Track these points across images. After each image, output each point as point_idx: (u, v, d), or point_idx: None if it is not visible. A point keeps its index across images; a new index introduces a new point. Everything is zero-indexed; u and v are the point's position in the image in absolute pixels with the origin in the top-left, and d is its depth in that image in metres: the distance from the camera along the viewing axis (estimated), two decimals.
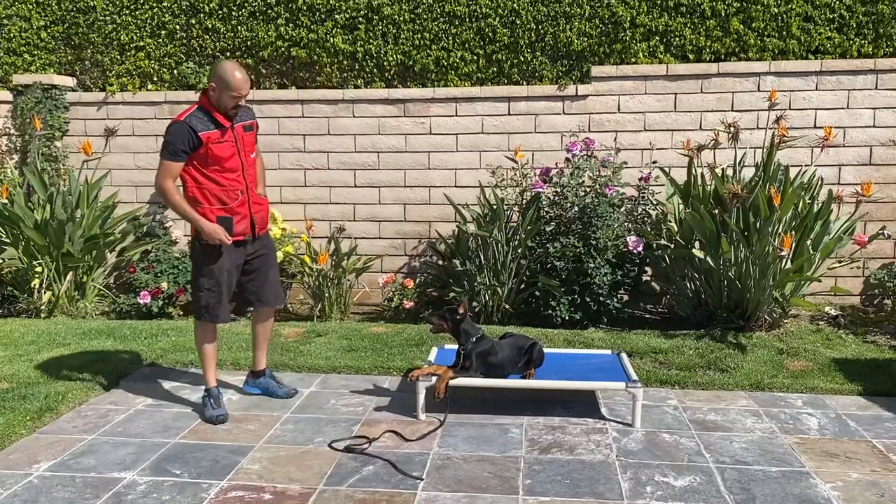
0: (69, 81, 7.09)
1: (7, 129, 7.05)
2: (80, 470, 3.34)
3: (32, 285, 6.23)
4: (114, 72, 7.06)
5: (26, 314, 6.30)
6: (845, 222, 5.61)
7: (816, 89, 6.22)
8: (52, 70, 7.13)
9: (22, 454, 3.52)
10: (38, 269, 6.19)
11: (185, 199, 3.87)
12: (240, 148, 3.91)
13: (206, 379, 4.09)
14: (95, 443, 3.65)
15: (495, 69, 6.62)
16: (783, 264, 5.22)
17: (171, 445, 3.61)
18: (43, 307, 6.21)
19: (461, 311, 4.00)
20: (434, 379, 3.92)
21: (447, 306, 4.08)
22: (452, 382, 3.92)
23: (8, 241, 6.30)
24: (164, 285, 6.20)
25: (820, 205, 5.45)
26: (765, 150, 5.46)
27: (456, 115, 6.60)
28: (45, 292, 6.23)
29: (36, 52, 7.14)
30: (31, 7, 7.08)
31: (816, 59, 6.25)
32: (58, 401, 4.13)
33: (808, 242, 5.34)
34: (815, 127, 6.21)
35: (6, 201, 6.27)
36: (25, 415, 3.91)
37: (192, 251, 4.02)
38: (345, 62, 6.77)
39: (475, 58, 6.61)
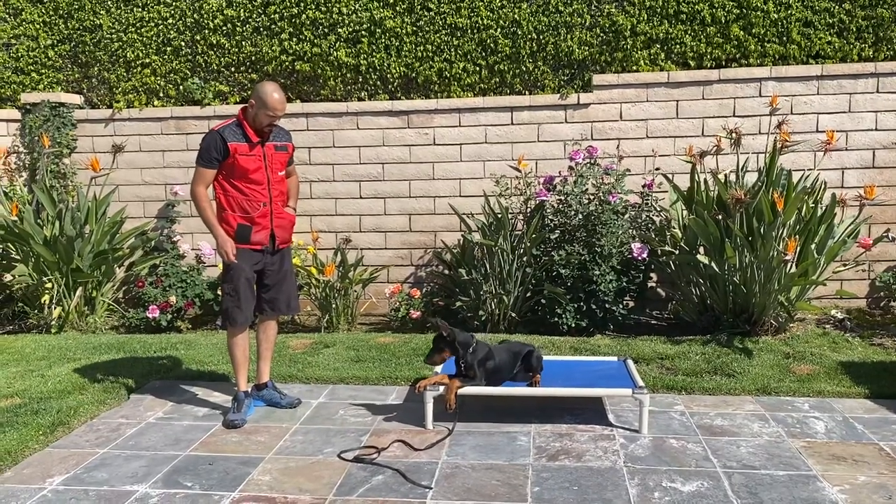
0: (76, 99, 7.18)
1: (16, 147, 7.13)
2: (93, 483, 3.38)
3: (43, 301, 6.29)
4: (120, 89, 7.14)
5: (37, 330, 6.36)
6: (849, 226, 5.63)
7: (818, 94, 6.25)
8: (59, 88, 7.22)
9: (35, 468, 3.56)
10: (48, 284, 6.26)
11: (211, 204, 4.13)
12: (267, 164, 4.12)
13: (237, 382, 4.28)
14: (108, 456, 3.69)
15: (497, 79, 6.67)
16: (788, 269, 5.24)
17: (182, 458, 3.65)
18: (53, 322, 6.27)
19: (445, 333, 3.97)
20: (442, 388, 3.95)
21: (437, 339, 4.04)
22: (459, 392, 3.94)
23: (18, 257, 6.36)
24: (173, 299, 6.25)
25: (823, 209, 5.46)
26: (767, 154, 5.49)
27: (459, 126, 6.66)
28: (55, 308, 6.29)
29: (43, 71, 7.23)
30: (38, 26, 7.18)
31: (817, 63, 6.28)
32: (70, 415, 4.17)
33: (813, 246, 5.35)
34: (817, 131, 6.24)
35: (16, 218, 6.34)
36: (38, 429, 3.95)
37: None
38: (348, 75, 6.83)
39: (477, 69, 6.66)
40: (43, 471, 3.53)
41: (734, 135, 5.60)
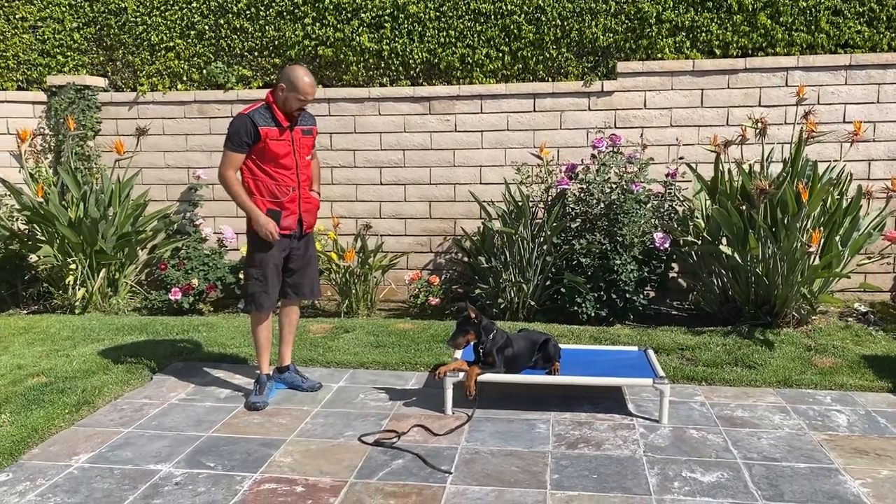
0: (101, 82, 7.23)
1: (42, 129, 7.20)
2: (118, 462, 3.43)
3: (67, 282, 6.37)
4: (144, 72, 7.18)
5: (61, 310, 6.45)
6: (875, 218, 5.56)
7: (846, 84, 6.16)
8: (84, 71, 7.27)
9: (61, 446, 3.62)
10: (73, 266, 6.33)
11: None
12: (296, 148, 4.11)
13: (260, 365, 4.30)
14: (131, 436, 3.75)
15: (520, 66, 6.64)
16: (811, 260, 5.19)
17: (204, 439, 3.69)
18: (77, 303, 6.35)
19: (473, 315, 3.99)
20: (461, 375, 3.96)
21: (463, 322, 4.04)
22: (479, 379, 3.96)
23: (43, 238, 6.44)
24: (195, 282, 6.31)
25: (849, 200, 5.40)
26: (793, 145, 5.42)
27: (481, 113, 6.63)
28: (79, 289, 6.37)
29: (69, 54, 7.28)
30: (63, 9, 7.22)
31: (846, 53, 6.19)
32: (94, 395, 4.23)
33: (837, 238, 5.30)
34: (844, 122, 6.16)
35: (42, 200, 6.41)
36: (64, 408, 4.01)
37: (247, 243, 4.20)
38: (371, 61, 6.82)
39: (500, 55, 6.63)
40: (69, 448, 3.59)
41: (759, 125, 5.54)
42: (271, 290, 4.17)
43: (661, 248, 5.68)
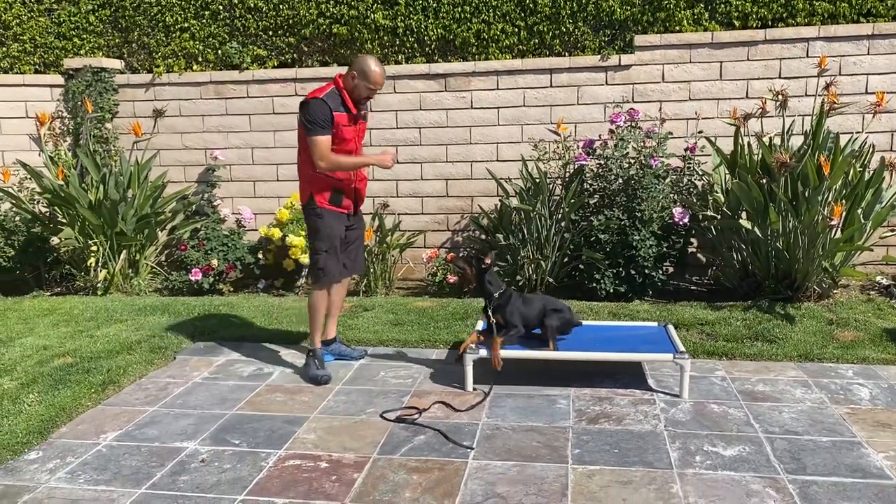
0: (117, 64, 7.25)
1: (60, 112, 7.25)
2: (145, 440, 3.49)
3: (89, 264, 6.44)
4: (160, 53, 7.19)
5: (83, 292, 6.53)
6: None
7: (868, 54, 6.05)
8: (100, 53, 7.29)
9: (89, 425, 3.68)
10: (94, 248, 6.40)
11: (300, 169, 4.18)
12: (357, 135, 4.21)
13: (313, 339, 4.36)
14: (157, 414, 3.80)
15: (536, 41, 6.58)
16: (833, 234, 5.14)
17: (228, 416, 3.74)
18: (99, 285, 6.43)
19: (487, 261, 4.11)
20: (483, 351, 3.98)
21: (476, 253, 4.15)
22: (500, 354, 3.97)
23: (64, 221, 6.51)
24: (215, 262, 6.36)
25: (871, 172, 5.33)
26: (814, 117, 5.35)
27: (497, 89, 6.59)
28: (100, 270, 6.44)
29: (85, 36, 7.30)
30: None
31: (868, 22, 6.07)
32: (119, 374, 4.30)
33: (859, 211, 5.24)
34: (866, 93, 6.06)
35: (62, 183, 6.47)
36: (90, 388, 4.08)
37: (308, 224, 4.26)
38: (385, 38, 6.79)
39: (516, 30, 6.57)
40: (96, 427, 3.65)
41: (780, 97, 5.47)
42: (339, 260, 4.28)
43: (680, 223, 5.65)
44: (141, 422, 3.71)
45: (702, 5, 6.29)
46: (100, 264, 6.45)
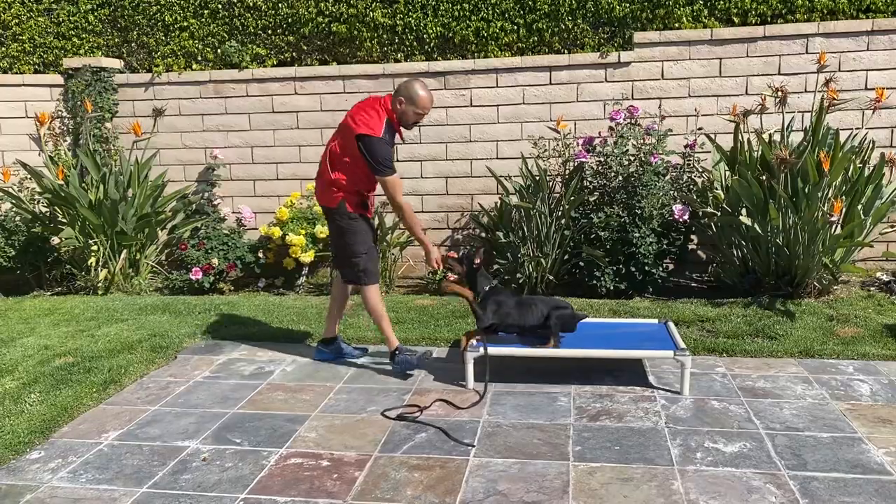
0: (117, 63, 7.25)
1: (59, 112, 7.25)
2: (147, 439, 3.49)
3: (89, 263, 6.44)
4: (159, 53, 7.19)
5: (84, 291, 6.53)
6: None
7: (867, 49, 6.05)
8: (100, 53, 7.29)
9: (91, 424, 3.69)
10: (94, 247, 6.40)
11: (327, 168, 4.16)
12: None
13: (391, 339, 4.31)
14: (158, 413, 3.81)
15: (536, 38, 6.57)
16: (833, 230, 5.14)
17: (230, 415, 3.75)
18: (100, 284, 6.43)
19: (477, 261, 4.23)
20: (482, 350, 3.98)
21: (467, 252, 4.23)
22: (498, 352, 3.98)
23: (65, 221, 6.51)
24: (215, 261, 6.36)
25: (871, 168, 5.33)
26: (813, 113, 5.35)
27: (496, 87, 6.59)
28: (101, 270, 6.45)
29: (84, 36, 7.30)
30: None
31: (867, 18, 6.07)
32: (120, 374, 4.31)
33: (859, 207, 5.24)
34: (866, 88, 6.06)
35: (62, 182, 6.47)
36: (91, 387, 4.09)
37: (341, 228, 4.22)
38: (385, 36, 6.78)
39: (515, 27, 6.57)
40: (98, 426, 3.66)
41: (779, 93, 5.47)
42: (377, 260, 4.36)
43: (681, 220, 5.65)
44: (142, 421, 3.71)
45: (701, 2, 6.28)
46: (100, 264, 6.45)
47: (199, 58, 7.15)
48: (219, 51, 7.08)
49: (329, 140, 4.28)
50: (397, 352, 4.27)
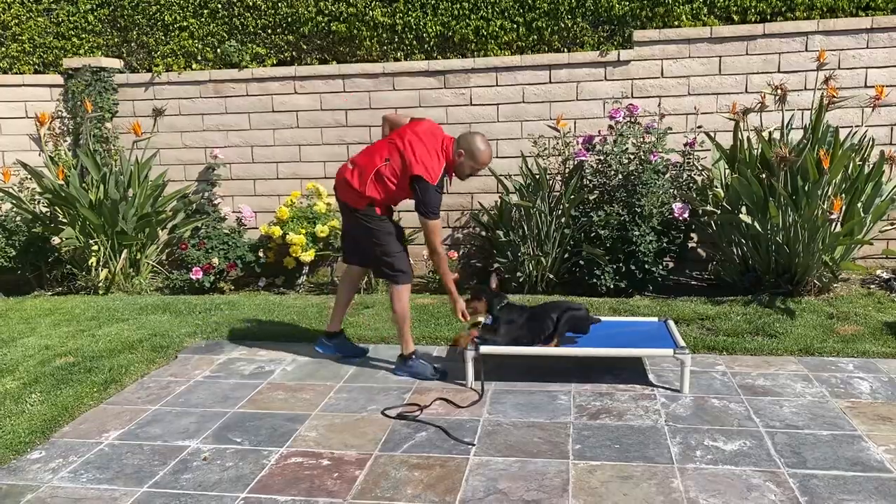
0: (117, 63, 7.25)
1: (59, 112, 7.25)
2: (147, 438, 3.50)
3: (90, 263, 6.45)
4: (159, 52, 7.19)
5: (85, 291, 6.54)
6: None
7: (867, 47, 6.05)
8: (99, 53, 7.29)
9: (91, 424, 3.69)
10: (95, 247, 6.41)
11: (365, 181, 4.08)
12: None
13: (409, 342, 4.25)
14: (159, 413, 3.81)
15: (535, 37, 6.58)
16: (833, 228, 5.15)
17: (230, 415, 3.75)
18: (100, 284, 6.44)
19: (493, 284, 4.19)
20: (481, 348, 3.99)
21: (481, 286, 4.18)
22: (496, 351, 3.98)
23: (65, 221, 6.51)
24: (216, 261, 6.36)
25: (871, 166, 5.34)
26: (813, 111, 5.35)
27: (496, 85, 6.59)
28: (101, 270, 6.45)
29: (84, 36, 7.31)
30: None
31: (867, 15, 6.07)
32: (121, 373, 4.31)
33: (859, 205, 5.24)
34: (865, 86, 6.06)
35: (62, 183, 6.48)
36: (92, 387, 4.09)
37: (370, 229, 4.17)
38: (384, 35, 6.79)
39: (515, 26, 6.57)
40: (99, 426, 3.66)
41: (779, 91, 5.47)
42: (409, 259, 4.32)
43: (680, 218, 5.65)
44: (143, 420, 3.72)
45: (700, 0, 6.28)
46: (101, 264, 6.46)
47: (199, 57, 7.15)
48: (218, 50, 7.08)
49: (371, 150, 4.19)
50: (413, 356, 4.24)
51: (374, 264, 4.33)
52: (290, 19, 6.92)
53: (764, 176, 5.26)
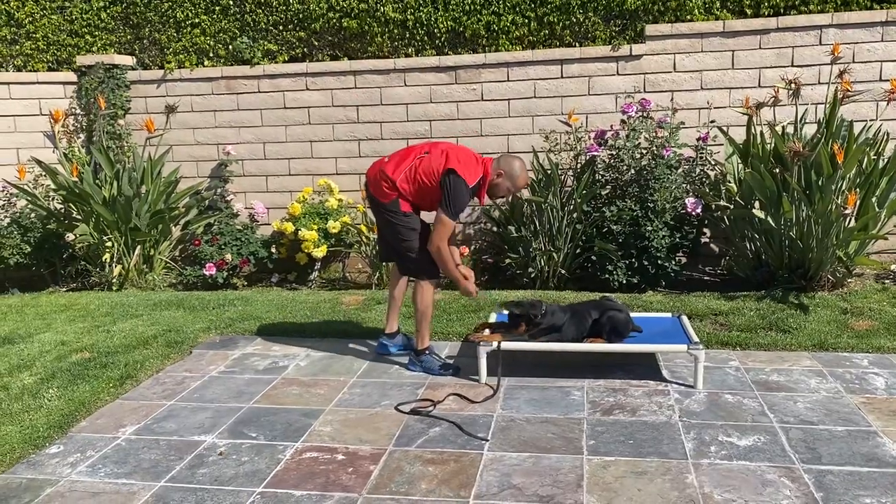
0: (129, 60, 7.28)
1: (73, 109, 7.29)
2: (163, 433, 3.53)
3: (104, 259, 6.49)
4: (171, 49, 7.22)
5: (99, 287, 6.59)
6: None
7: (882, 40, 6.00)
8: (112, 50, 7.33)
9: (108, 419, 3.73)
10: (108, 244, 6.45)
11: (400, 170, 4.05)
12: None
13: (425, 338, 4.26)
14: (175, 408, 3.84)
15: (547, 32, 6.56)
16: (847, 223, 5.12)
17: (245, 410, 3.78)
18: (114, 280, 6.48)
19: (538, 315, 4.03)
20: (495, 344, 3.99)
21: (531, 313, 4.04)
22: (511, 346, 3.99)
23: (79, 217, 6.56)
24: (228, 257, 6.40)
25: (886, 160, 5.30)
26: (827, 105, 5.32)
27: (507, 81, 6.58)
28: (115, 266, 6.50)
29: (97, 33, 7.34)
30: None
31: (882, 8, 6.02)
32: (136, 369, 4.35)
33: (874, 199, 5.21)
34: (880, 80, 6.01)
35: (76, 179, 6.52)
36: (108, 382, 4.13)
37: (394, 225, 4.14)
38: (395, 31, 6.79)
39: (526, 21, 6.56)
40: (115, 421, 3.69)
41: (793, 85, 5.43)
42: None
43: (693, 213, 5.64)
44: (159, 415, 3.75)
45: None
46: (114, 260, 6.50)
47: (211, 54, 7.18)
48: (230, 47, 7.10)
49: (407, 148, 4.20)
50: (427, 351, 4.25)
51: (400, 261, 4.32)
52: (301, 16, 6.93)
53: (777, 170, 5.23)
